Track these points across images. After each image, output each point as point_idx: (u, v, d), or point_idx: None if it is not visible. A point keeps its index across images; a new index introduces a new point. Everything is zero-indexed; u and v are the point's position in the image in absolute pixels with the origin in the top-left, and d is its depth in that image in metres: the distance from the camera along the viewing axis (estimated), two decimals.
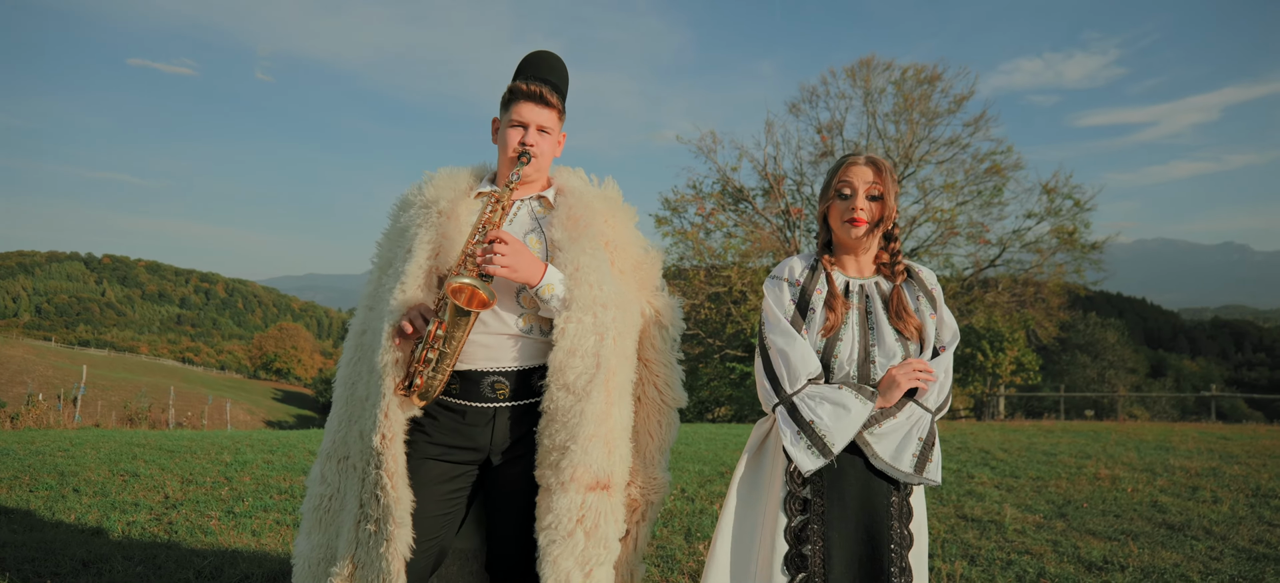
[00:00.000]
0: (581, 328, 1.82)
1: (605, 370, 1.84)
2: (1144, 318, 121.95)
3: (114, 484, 5.55)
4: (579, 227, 1.92)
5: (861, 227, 1.84)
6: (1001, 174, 24.25)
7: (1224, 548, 3.95)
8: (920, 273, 1.92)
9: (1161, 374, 65.96)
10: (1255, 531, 4.35)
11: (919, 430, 1.77)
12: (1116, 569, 3.54)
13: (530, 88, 1.95)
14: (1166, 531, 4.35)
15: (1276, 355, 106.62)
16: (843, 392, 1.75)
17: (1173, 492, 5.55)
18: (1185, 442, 9.10)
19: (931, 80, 24.62)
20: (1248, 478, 6.18)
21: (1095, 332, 44.14)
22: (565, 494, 1.80)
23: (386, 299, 1.87)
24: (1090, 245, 23.59)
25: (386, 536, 1.77)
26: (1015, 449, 8.06)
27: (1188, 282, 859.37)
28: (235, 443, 8.22)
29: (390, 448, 1.79)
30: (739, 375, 20.50)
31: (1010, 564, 3.62)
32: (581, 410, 1.80)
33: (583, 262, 1.87)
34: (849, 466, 1.78)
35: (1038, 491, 5.59)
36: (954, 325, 1.87)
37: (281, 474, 6.10)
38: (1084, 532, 4.30)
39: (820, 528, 1.75)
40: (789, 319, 1.86)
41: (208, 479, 5.82)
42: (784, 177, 24.95)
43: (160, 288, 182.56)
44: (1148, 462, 7.13)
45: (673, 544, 3.94)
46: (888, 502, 1.76)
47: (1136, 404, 28.53)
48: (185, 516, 4.62)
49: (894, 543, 1.73)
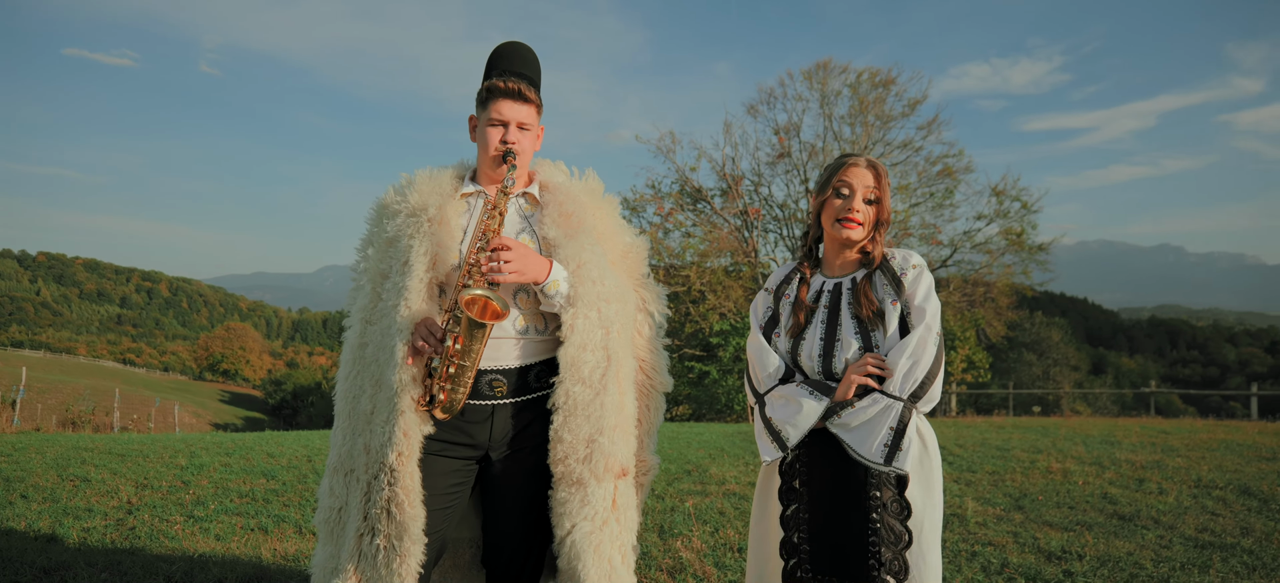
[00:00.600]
0: (588, 323, 1.85)
1: (615, 363, 1.88)
2: (1085, 317, 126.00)
3: (64, 490, 5.36)
4: (574, 223, 1.94)
5: (856, 229, 1.87)
6: (953, 177, 24.83)
7: (1172, 537, 4.13)
8: (893, 258, 1.92)
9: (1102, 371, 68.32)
10: (1200, 520, 4.56)
11: (889, 420, 1.77)
12: (1075, 559, 3.68)
13: (508, 84, 1.94)
14: (1118, 521, 4.53)
15: (1208, 353, 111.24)
16: (798, 389, 1.83)
17: (1121, 484, 5.78)
18: (1129, 436, 9.45)
19: (886, 84, 25.11)
20: (1189, 470, 6.45)
21: (1041, 331, 45.48)
22: (600, 485, 1.85)
23: (391, 314, 1.86)
24: (1037, 247, 24.27)
25: (401, 552, 1.77)
26: (970, 445, 8.28)
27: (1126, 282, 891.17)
28: (189, 446, 7.99)
29: (406, 465, 1.79)
30: (697, 375, 20.62)
31: (975, 555, 3.74)
32: (602, 404, 1.84)
33: (584, 257, 1.89)
34: (824, 457, 1.83)
35: (995, 484, 5.77)
36: (925, 305, 1.83)
37: (240, 477, 5.96)
38: (1041, 523, 4.45)
39: (806, 517, 1.81)
40: (763, 326, 1.98)
41: (164, 483, 5.66)
42: (742, 177, 25.18)
43: (99, 287, 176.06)
44: (1095, 455, 7.39)
45: (648, 541, 3.97)
46: (866, 493, 1.77)
47: (1079, 401, 29.53)
48: (144, 521, 4.49)
49: (873, 536, 1.75)
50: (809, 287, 1.94)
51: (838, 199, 1.89)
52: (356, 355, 1.96)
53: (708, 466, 6.59)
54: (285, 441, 9.11)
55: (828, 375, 1.84)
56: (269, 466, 6.55)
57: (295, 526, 4.44)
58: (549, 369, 1.96)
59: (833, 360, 1.84)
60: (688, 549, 3.77)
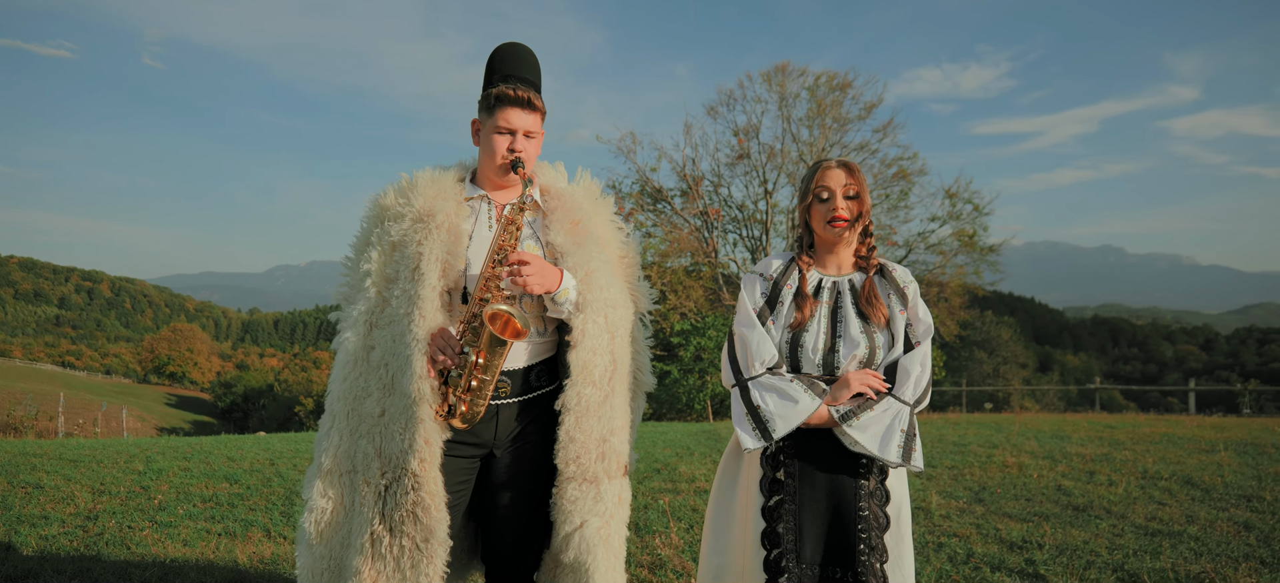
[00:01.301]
0: (597, 328, 1.90)
1: (620, 366, 1.95)
2: (1033, 316, 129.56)
3: (15, 497, 5.18)
4: (581, 231, 1.97)
5: (843, 225, 1.94)
6: (908, 179, 25.36)
7: (1124, 526, 4.32)
8: (894, 271, 2.01)
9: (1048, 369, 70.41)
10: (1149, 509, 4.77)
11: (900, 423, 1.86)
12: (1035, 548, 3.83)
13: (517, 92, 1.93)
14: (1073, 511, 4.72)
15: (1147, 351, 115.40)
16: (794, 385, 1.85)
17: (1073, 476, 6.00)
18: (1077, 431, 9.79)
19: (843, 87, 25.54)
20: (1135, 462, 6.72)
21: (991, 330, 46.71)
22: (611, 483, 1.92)
23: (403, 322, 1.86)
24: (988, 248, 24.94)
25: (427, 554, 1.80)
26: (929, 441, 8.50)
27: (1070, 282, 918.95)
28: (144, 451, 7.78)
29: (429, 471, 1.82)
30: (658, 374, 20.75)
31: (942, 547, 3.87)
32: (611, 405, 1.91)
33: (593, 265, 1.93)
34: (818, 450, 1.88)
35: (955, 479, 5.95)
36: (928, 321, 1.95)
37: (202, 482, 5.83)
38: (1001, 515, 4.62)
39: (793, 507, 1.86)
40: (756, 311, 1.97)
41: (122, 489, 5.51)
42: (702, 178, 25.37)
43: (36, 286, 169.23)
44: (1047, 450, 7.66)
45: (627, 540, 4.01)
46: (856, 484, 1.85)
47: (1028, 397, 30.39)
48: (107, 528, 4.38)
49: (862, 522, 1.83)
50: (809, 279, 1.99)
51: (821, 203, 1.96)
52: (360, 358, 1.93)
53: (677, 464, 6.66)
54: (244, 444, 8.92)
55: (829, 370, 1.90)
56: (230, 470, 6.42)
57: (264, 529, 4.38)
58: (548, 369, 2.00)
59: (837, 356, 1.89)
60: (666, 546, 3.82)
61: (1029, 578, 3.37)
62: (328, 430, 1.96)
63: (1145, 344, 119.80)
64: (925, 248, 25.69)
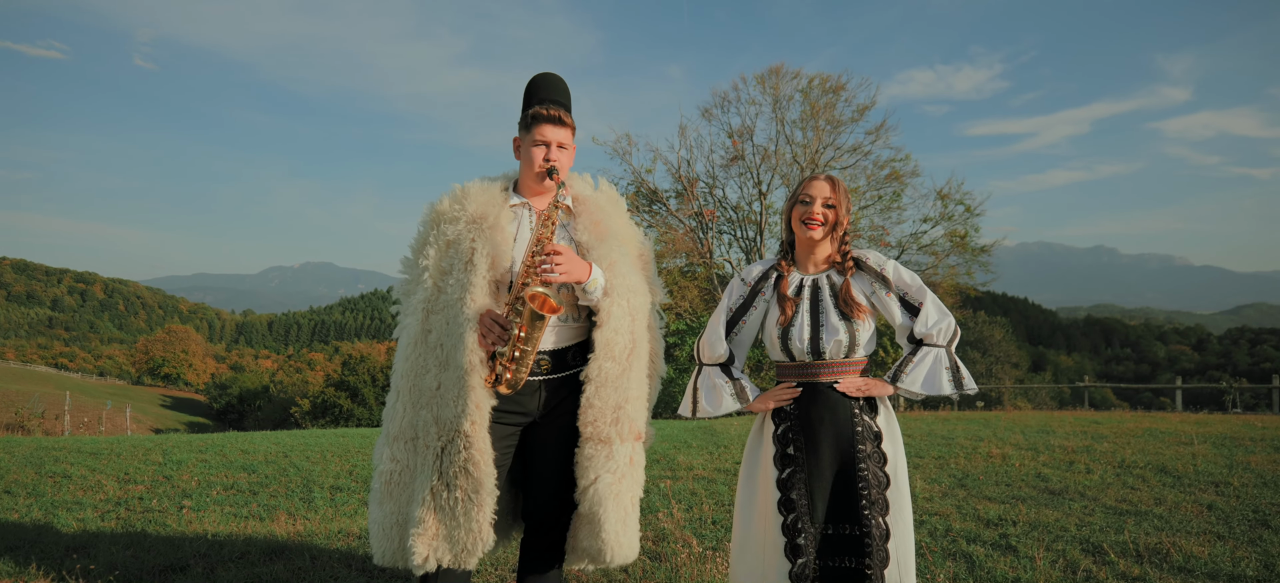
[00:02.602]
0: (620, 311, 2.22)
1: (639, 346, 2.26)
2: (1026, 316, 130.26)
3: (46, 486, 5.44)
4: (603, 229, 2.30)
5: (816, 229, 2.24)
6: (900, 180, 25.65)
7: (1095, 506, 4.62)
8: (868, 259, 2.28)
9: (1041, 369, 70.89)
10: (1120, 493, 5.07)
11: (942, 363, 2.19)
12: (1010, 525, 4.12)
13: (549, 111, 2.29)
14: (1048, 495, 5.01)
15: (1140, 351, 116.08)
16: (724, 388, 2.27)
17: (1053, 465, 6.30)
18: (1063, 426, 10.11)
19: (836, 90, 25.83)
20: (1115, 453, 7.02)
21: (983, 330, 47.08)
22: (623, 444, 2.21)
23: (456, 306, 2.18)
24: (980, 248, 25.24)
25: (478, 503, 2.11)
26: (918, 435, 8.80)
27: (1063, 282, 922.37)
28: (159, 445, 8.03)
29: (479, 432, 2.12)
30: None
31: (922, 523, 4.15)
32: (629, 379, 2.22)
33: (614, 257, 2.26)
34: (821, 426, 2.15)
35: (940, 467, 6.24)
36: (917, 281, 2.24)
37: (221, 472, 6.08)
38: (981, 497, 4.91)
39: (803, 476, 2.14)
40: (730, 312, 2.33)
41: (145, 478, 5.77)
42: (697, 179, 25.65)
43: (29, 288, 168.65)
44: (1032, 442, 7.96)
45: None
46: (855, 450, 2.12)
47: (1020, 397, 30.73)
48: (137, 512, 4.63)
49: (862, 482, 2.10)
50: (788, 281, 2.29)
51: (802, 206, 2.27)
52: (419, 340, 2.25)
53: (675, 454, 6.94)
54: (254, 439, 9.17)
55: (816, 355, 2.20)
56: (246, 461, 6.68)
57: (288, 512, 4.64)
58: (582, 350, 2.30)
59: (821, 342, 2.19)
60: (669, 520, 4.11)
61: (1001, 549, 3.66)
62: (393, 404, 2.28)
63: (1138, 344, 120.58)
64: (918, 248, 25.99)
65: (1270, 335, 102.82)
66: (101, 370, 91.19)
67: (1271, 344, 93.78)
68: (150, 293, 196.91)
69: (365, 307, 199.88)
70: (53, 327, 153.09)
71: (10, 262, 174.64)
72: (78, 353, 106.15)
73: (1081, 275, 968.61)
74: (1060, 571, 3.31)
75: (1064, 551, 3.60)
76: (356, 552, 3.66)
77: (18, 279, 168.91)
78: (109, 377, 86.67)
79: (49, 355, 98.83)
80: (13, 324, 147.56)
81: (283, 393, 60.19)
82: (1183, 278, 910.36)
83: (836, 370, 2.21)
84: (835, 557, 2.08)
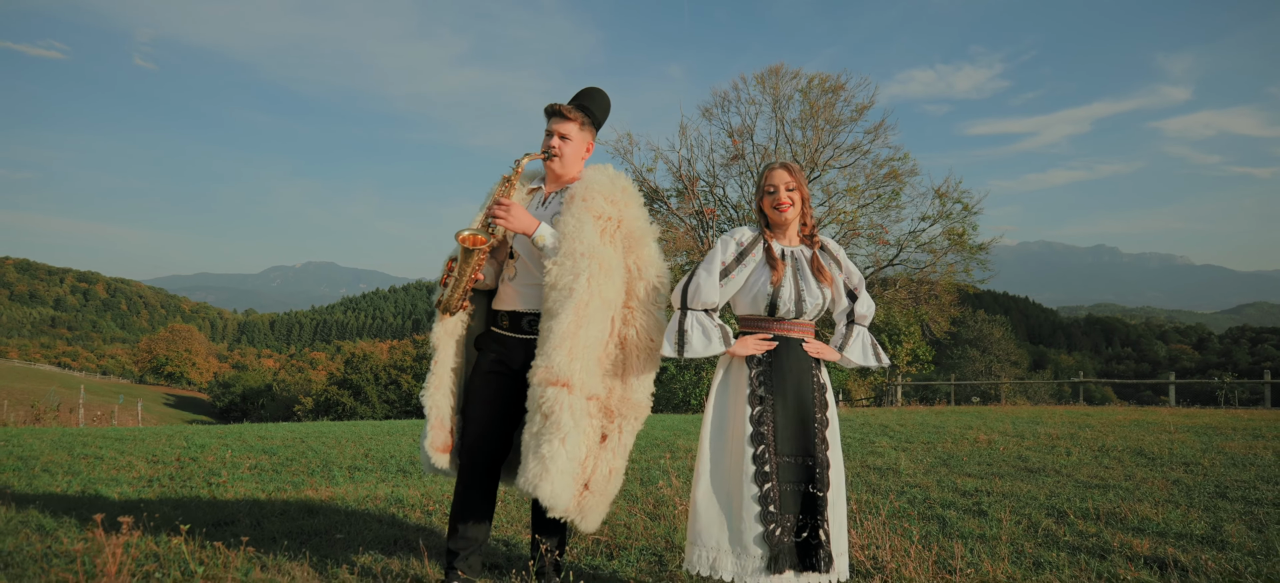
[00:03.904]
0: (562, 269, 2.53)
1: (577, 300, 2.50)
2: (1026, 315, 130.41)
3: (80, 465, 5.75)
4: (574, 202, 2.63)
5: (787, 210, 2.59)
6: (899, 179, 25.88)
7: (1067, 481, 4.93)
8: (828, 245, 2.69)
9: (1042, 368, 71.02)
10: (1093, 471, 5.37)
11: (867, 341, 2.69)
12: (984, 495, 4.43)
13: (553, 106, 2.71)
14: (1026, 472, 5.32)
15: (1141, 350, 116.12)
16: (714, 330, 2.53)
17: (1035, 449, 6.61)
18: (1053, 417, 10.41)
19: (835, 90, 26.09)
20: (1097, 440, 7.32)
21: (983, 328, 47.30)
22: (533, 388, 2.51)
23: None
24: (977, 246, 25.49)
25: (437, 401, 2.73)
26: (910, 425, 9.11)
27: (1064, 282, 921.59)
28: (181, 432, 8.36)
29: (443, 349, 2.77)
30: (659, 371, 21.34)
31: (903, 492, 4.47)
32: (551, 328, 2.51)
33: (570, 224, 2.58)
34: (786, 377, 2.50)
35: (928, 449, 6.55)
36: (858, 273, 2.70)
37: (243, 454, 6.40)
38: (962, 474, 5.22)
39: (770, 413, 2.48)
40: (723, 263, 2.59)
41: (172, 459, 6.08)
42: (697, 178, 25.94)
43: (31, 288, 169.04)
44: (1019, 430, 8.26)
45: (632, 489, 4.59)
46: (812, 397, 2.51)
47: (1019, 394, 31.00)
48: (174, 487, 4.94)
49: (817, 422, 2.51)
50: (776, 249, 2.62)
51: (768, 196, 2.61)
52: None
53: (675, 440, 7.26)
54: (270, 428, 9.50)
55: (799, 313, 2.56)
56: (265, 445, 6.99)
57: (311, 487, 4.95)
58: None
59: (804, 303, 2.56)
60: (667, 487, 4.42)
61: (973, 513, 3.97)
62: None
63: (1139, 344, 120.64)
64: (916, 247, 26.25)
65: (1271, 334, 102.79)
66: (104, 370, 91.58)
67: (1272, 343, 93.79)
68: (152, 292, 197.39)
69: (367, 306, 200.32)
70: (56, 326, 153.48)
71: (13, 261, 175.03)
72: (80, 352, 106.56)
73: (1082, 275, 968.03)
74: (1022, 529, 3.62)
75: (1030, 514, 3.91)
76: (385, 512, 3.98)
77: (21, 279, 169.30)
78: (112, 375, 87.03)
79: (52, 355, 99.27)
80: (16, 324, 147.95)
81: (286, 391, 60.56)
82: (1184, 277, 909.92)
83: (803, 330, 2.56)
84: (792, 481, 2.44)
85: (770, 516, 2.37)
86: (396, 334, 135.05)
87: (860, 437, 7.58)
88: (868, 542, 3.15)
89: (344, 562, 2.97)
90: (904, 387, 24.35)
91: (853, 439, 7.43)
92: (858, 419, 9.98)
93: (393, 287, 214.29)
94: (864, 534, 3.27)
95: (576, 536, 3.42)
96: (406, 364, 49.37)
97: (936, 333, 26.69)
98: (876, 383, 23.94)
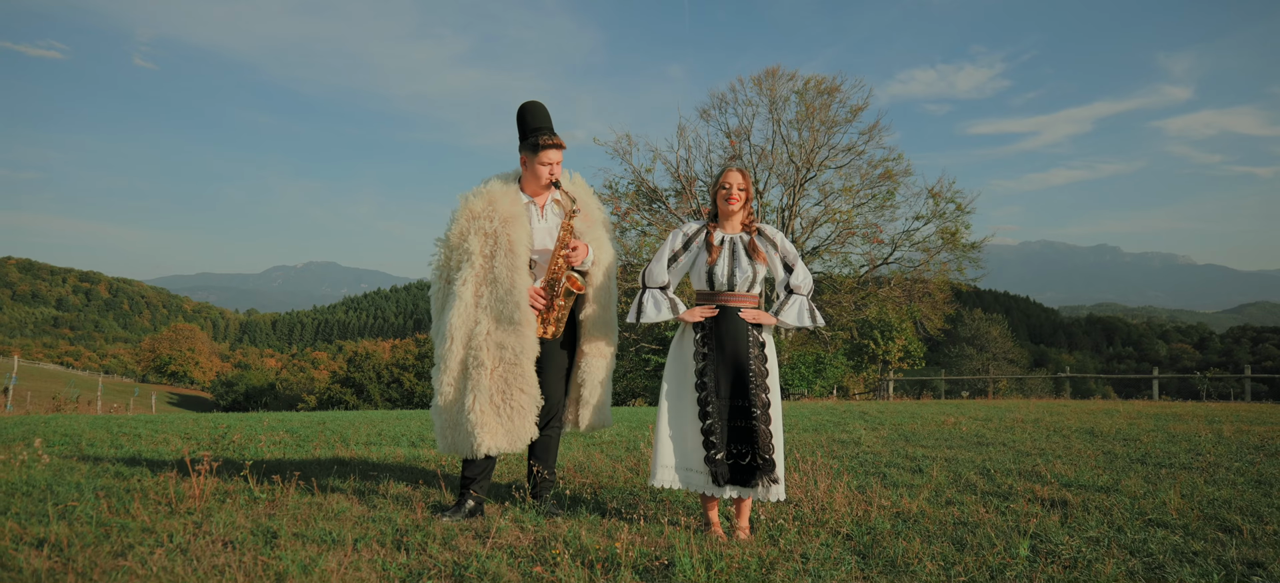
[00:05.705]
0: (597, 273, 3.33)
1: (607, 295, 3.37)
2: (1027, 315, 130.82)
3: (122, 441, 6.33)
4: (590, 219, 3.38)
5: (734, 204, 3.20)
6: (893, 179, 26.45)
7: (1008, 452, 5.49)
8: (767, 230, 3.26)
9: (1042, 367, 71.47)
10: (1039, 444, 5.93)
11: (803, 306, 3.22)
12: (931, 462, 5.01)
13: (553, 140, 3.32)
14: (977, 446, 5.88)
15: (1142, 349, 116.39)
16: (663, 303, 3.20)
17: (996, 429, 7.16)
18: (1028, 408, 10.97)
19: (830, 91, 26.68)
20: (1059, 425, 7.84)
21: (981, 326, 47.76)
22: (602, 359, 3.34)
23: (509, 283, 3.19)
24: (970, 245, 26.02)
25: (530, 409, 3.27)
26: (888, 412, 9.68)
27: (1066, 281, 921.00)
28: (201, 419, 8.94)
29: (530, 364, 3.28)
30: (655, 367, 21.89)
31: (859, 459, 5.05)
32: (604, 319, 3.34)
33: (596, 237, 3.36)
34: (725, 336, 3.10)
35: (894, 429, 7.12)
36: (793, 248, 3.25)
37: (267, 434, 6.98)
38: (917, 445, 5.79)
39: (712, 367, 3.10)
40: (672, 251, 3.26)
41: (205, 438, 6.66)
42: (696, 178, 26.51)
43: (34, 288, 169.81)
44: (987, 415, 8.82)
45: (626, 466, 5.17)
46: (748, 345, 3.11)
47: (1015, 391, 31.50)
48: (216, 452, 5.52)
49: (752, 373, 3.09)
50: (715, 236, 3.23)
51: (722, 190, 3.22)
52: (471, 304, 3.24)
53: None
54: (283, 415, 10.10)
55: (731, 286, 3.15)
56: (286, 425, 7.58)
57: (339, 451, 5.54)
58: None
59: (735, 278, 3.15)
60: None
61: (912, 471, 4.56)
62: (446, 349, 3.24)
63: (1140, 343, 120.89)
64: (910, 245, 26.82)
65: (1273, 334, 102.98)
66: (107, 369, 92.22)
67: (1274, 342, 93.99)
68: (154, 292, 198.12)
69: (368, 306, 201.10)
70: (58, 326, 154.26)
71: (15, 261, 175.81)
72: (83, 351, 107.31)
73: (1084, 274, 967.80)
74: (948, 480, 4.21)
75: (961, 473, 4.49)
76: (407, 464, 4.61)
77: (23, 278, 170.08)
78: (115, 375, 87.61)
79: (54, 354, 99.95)
80: (18, 323, 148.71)
81: (289, 389, 61.23)
82: (1185, 276, 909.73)
83: (740, 300, 3.15)
84: (735, 419, 3.05)
85: (712, 443, 3.01)
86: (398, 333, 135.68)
87: (836, 420, 8.15)
88: (806, 480, 3.73)
89: (376, 494, 3.57)
90: (896, 382, 24.90)
91: (828, 421, 8.00)
92: (841, 408, 10.55)
93: (394, 286, 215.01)
94: (806, 477, 3.86)
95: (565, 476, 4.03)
96: (408, 363, 50.00)
97: (930, 330, 27.18)
98: (869, 378, 24.49)
